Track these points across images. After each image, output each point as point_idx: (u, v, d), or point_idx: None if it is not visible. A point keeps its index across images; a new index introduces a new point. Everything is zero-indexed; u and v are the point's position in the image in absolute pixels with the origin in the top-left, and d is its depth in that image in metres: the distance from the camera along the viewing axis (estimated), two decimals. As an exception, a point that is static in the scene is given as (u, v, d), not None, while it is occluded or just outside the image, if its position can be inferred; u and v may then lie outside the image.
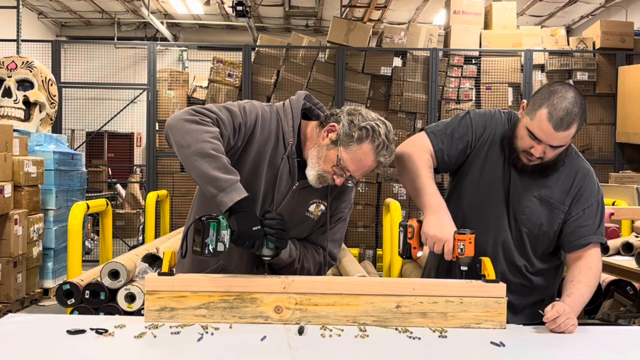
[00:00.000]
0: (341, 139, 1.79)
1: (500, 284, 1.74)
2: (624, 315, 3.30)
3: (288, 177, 1.87)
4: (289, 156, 1.86)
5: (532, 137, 1.84)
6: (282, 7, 10.80)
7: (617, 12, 9.64)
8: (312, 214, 1.93)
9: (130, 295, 3.63)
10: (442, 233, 1.80)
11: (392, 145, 1.81)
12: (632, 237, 3.07)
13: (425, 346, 1.56)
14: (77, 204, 4.03)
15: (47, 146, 5.72)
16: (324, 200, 1.93)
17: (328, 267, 2.03)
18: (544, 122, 1.80)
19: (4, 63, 5.97)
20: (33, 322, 1.70)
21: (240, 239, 1.66)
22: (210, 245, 1.65)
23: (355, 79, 7.26)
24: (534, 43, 7.39)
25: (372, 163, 1.79)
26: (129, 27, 12.21)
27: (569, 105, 1.80)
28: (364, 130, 1.77)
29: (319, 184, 1.86)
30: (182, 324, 1.66)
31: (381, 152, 1.78)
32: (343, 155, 1.79)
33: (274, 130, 1.87)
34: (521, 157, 1.92)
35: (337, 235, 2.00)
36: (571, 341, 1.65)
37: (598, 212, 1.98)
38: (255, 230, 1.67)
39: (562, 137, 1.81)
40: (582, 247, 1.96)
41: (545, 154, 1.86)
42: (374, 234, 7.24)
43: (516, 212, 1.97)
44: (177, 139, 1.71)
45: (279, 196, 1.87)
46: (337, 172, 1.81)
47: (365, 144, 1.77)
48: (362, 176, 1.86)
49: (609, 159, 7.28)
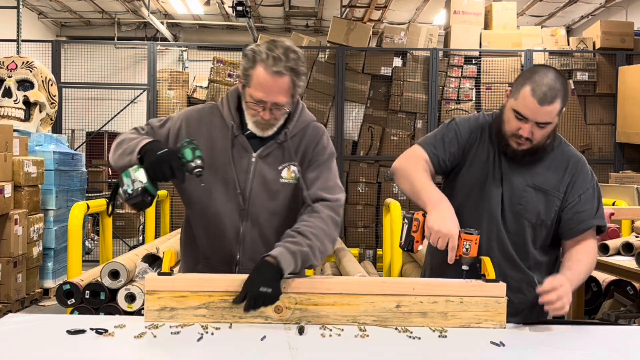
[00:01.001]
0: (243, 81, 1.86)
1: (500, 283, 1.74)
2: (624, 315, 3.30)
3: (244, 153, 1.92)
4: (234, 134, 1.92)
5: (519, 117, 1.88)
6: (282, 7, 10.80)
7: (617, 12, 9.64)
8: (287, 178, 1.93)
9: (130, 295, 3.63)
10: (447, 228, 1.79)
11: (284, 53, 1.79)
12: (632, 237, 3.07)
13: (425, 346, 1.56)
14: (77, 204, 4.03)
15: (47, 146, 5.72)
16: (291, 160, 1.93)
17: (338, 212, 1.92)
18: (528, 99, 1.84)
19: (4, 63, 5.97)
20: (33, 322, 1.70)
21: (153, 169, 1.73)
22: (128, 189, 1.74)
23: (355, 79, 7.26)
24: (534, 43, 7.39)
25: (271, 79, 1.79)
26: (129, 27, 12.21)
27: (550, 81, 1.85)
28: (248, 58, 1.82)
29: (261, 130, 1.89)
30: (182, 324, 1.66)
31: (273, 65, 1.78)
32: (249, 91, 1.84)
33: (210, 123, 1.95)
34: (510, 143, 1.94)
35: (329, 183, 1.94)
36: (571, 341, 1.65)
37: (595, 196, 2.00)
38: (161, 153, 1.74)
39: (547, 112, 1.85)
40: (583, 232, 1.97)
41: (533, 134, 1.89)
42: (374, 234, 7.24)
43: (513, 204, 1.98)
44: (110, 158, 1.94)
45: (241, 174, 1.90)
46: (254, 107, 1.84)
47: (256, 68, 1.80)
48: (283, 99, 1.83)
49: (609, 159, 7.28)
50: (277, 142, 1.93)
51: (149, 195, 1.74)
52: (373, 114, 7.33)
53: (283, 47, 1.81)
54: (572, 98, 7.23)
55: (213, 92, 7.17)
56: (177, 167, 1.73)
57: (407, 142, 7.17)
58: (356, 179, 7.27)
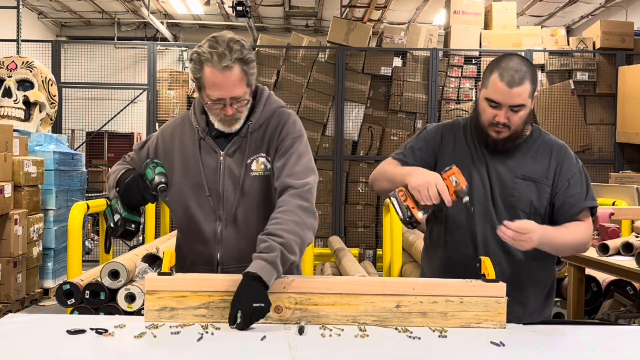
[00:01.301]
0: (197, 84, 1.88)
1: (500, 283, 1.74)
2: (624, 315, 3.30)
3: (212, 154, 1.94)
4: (201, 137, 1.95)
5: (492, 105, 1.93)
6: (282, 7, 10.80)
7: (617, 12, 9.64)
8: (257, 171, 1.93)
9: (130, 295, 3.63)
10: (429, 176, 1.84)
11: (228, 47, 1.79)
12: (632, 237, 3.07)
13: (425, 346, 1.56)
14: (77, 204, 4.03)
15: (47, 146, 5.72)
16: (259, 152, 1.93)
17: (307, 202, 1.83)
18: (497, 84, 1.90)
19: (4, 63, 5.97)
20: (33, 322, 1.70)
21: (125, 198, 1.84)
22: (111, 223, 1.87)
23: (355, 79, 7.26)
24: (534, 43, 7.40)
25: (221, 75, 1.79)
26: (129, 27, 12.21)
27: (516, 64, 1.91)
28: (195, 62, 1.83)
29: (228, 127, 1.90)
30: (182, 324, 1.66)
31: (219, 62, 1.78)
32: (205, 93, 1.85)
33: (182, 132, 2.00)
34: (490, 133, 1.98)
35: (295, 168, 1.87)
36: (571, 341, 1.65)
37: (583, 179, 2.04)
38: (128, 180, 1.84)
39: (518, 93, 1.89)
40: (576, 215, 2.01)
41: (510, 119, 1.93)
42: (374, 234, 7.24)
43: (505, 197, 2.01)
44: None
45: (212, 175, 1.93)
46: (213, 107, 1.86)
47: (204, 69, 1.81)
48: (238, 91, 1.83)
49: (609, 159, 7.28)
50: (241, 137, 1.93)
51: (132, 223, 1.84)
52: (373, 114, 7.33)
53: (225, 41, 1.81)
54: (572, 98, 7.23)
55: (213, 92, 7.16)
56: (143, 189, 1.82)
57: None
58: (356, 179, 7.28)
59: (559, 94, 7.21)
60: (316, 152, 7.17)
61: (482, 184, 2.02)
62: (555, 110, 7.19)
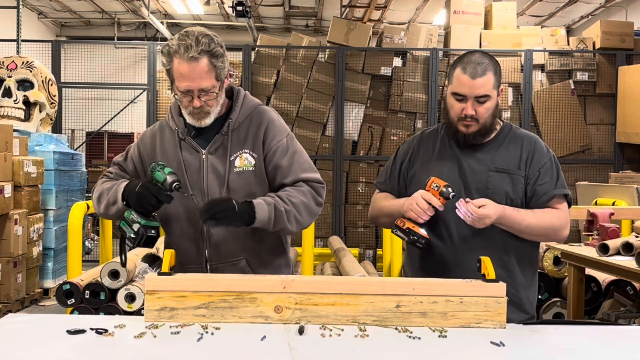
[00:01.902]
0: (168, 78, 1.93)
1: (500, 283, 1.74)
2: (624, 315, 3.30)
3: (195, 153, 1.98)
4: (181, 138, 1.98)
5: (458, 98, 2.00)
6: (282, 7, 10.80)
7: (617, 12, 9.64)
8: (241, 167, 1.96)
9: (130, 295, 3.63)
10: (413, 195, 1.96)
11: (196, 39, 1.84)
12: (632, 237, 3.07)
13: (425, 346, 1.56)
14: (77, 204, 4.03)
15: (47, 146, 5.72)
16: (242, 148, 1.97)
17: (319, 192, 2.00)
18: (461, 77, 1.98)
19: (4, 63, 5.97)
20: (33, 322, 1.70)
21: (140, 207, 1.84)
22: (131, 234, 1.87)
23: (355, 79, 7.26)
24: (534, 43, 7.40)
25: (188, 66, 1.84)
26: (129, 27, 12.21)
27: (477, 58, 2.00)
28: (164, 55, 1.89)
29: (197, 120, 1.93)
30: (182, 323, 1.66)
31: (186, 53, 1.83)
32: (175, 86, 1.90)
33: (162, 137, 2.03)
34: (459, 129, 2.03)
35: (304, 165, 2.01)
36: (571, 341, 1.65)
37: (553, 169, 2.07)
38: (138, 189, 1.84)
39: (481, 84, 1.97)
40: (546, 202, 2.03)
41: (477, 111, 1.99)
42: (374, 234, 7.24)
43: (480, 190, 2.03)
44: (96, 212, 2.07)
45: (195, 174, 1.96)
46: (182, 99, 1.90)
47: (173, 61, 1.86)
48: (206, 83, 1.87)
49: (609, 159, 7.28)
50: (222, 134, 1.97)
51: (152, 229, 1.85)
52: (373, 114, 7.33)
53: (194, 35, 1.86)
54: (572, 98, 7.23)
55: (213, 92, 7.17)
56: (157, 192, 1.82)
57: (407, 142, 7.16)
58: (356, 179, 7.28)
59: (559, 94, 7.21)
60: (316, 152, 7.17)
61: (457, 180, 2.05)
62: (555, 110, 7.19)
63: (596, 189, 5.89)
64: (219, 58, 1.88)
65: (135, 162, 2.06)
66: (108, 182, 2.03)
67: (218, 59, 1.88)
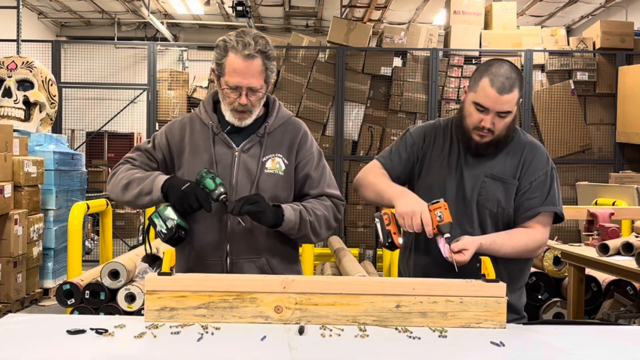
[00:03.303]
0: (217, 71, 1.95)
1: (500, 283, 1.74)
2: (624, 315, 3.30)
3: (227, 149, 2.00)
4: (215, 133, 2.00)
5: (480, 109, 1.94)
6: (282, 7, 10.80)
7: (617, 12, 9.64)
8: (272, 169, 2.00)
9: (130, 295, 3.63)
10: (416, 206, 1.88)
11: (253, 39, 1.88)
12: (632, 237, 3.07)
13: (425, 346, 1.56)
14: (77, 204, 4.04)
15: (47, 146, 5.72)
16: (276, 152, 2.01)
17: (339, 209, 2.07)
18: (488, 89, 1.91)
19: (4, 63, 5.97)
20: (33, 322, 1.70)
21: (180, 205, 1.83)
22: (162, 229, 1.85)
23: (355, 79, 7.26)
24: (534, 43, 7.40)
25: (243, 63, 1.88)
26: (129, 27, 12.21)
27: (506, 71, 1.93)
28: (220, 48, 1.91)
29: (238, 119, 1.97)
30: (182, 323, 1.66)
31: (243, 50, 1.87)
32: (224, 80, 1.92)
33: (192, 129, 2.04)
34: (473, 137, 1.99)
35: (331, 181, 2.08)
36: (571, 341, 1.65)
37: (547, 183, 2.02)
38: (184, 188, 1.83)
39: (507, 100, 1.91)
40: (529, 218, 2.00)
41: (495, 124, 1.94)
42: (374, 234, 7.23)
43: (473, 195, 2.02)
44: (115, 197, 2.04)
45: (226, 169, 1.98)
46: (229, 94, 1.92)
47: (228, 55, 1.89)
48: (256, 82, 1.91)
49: (609, 159, 7.28)
50: (258, 136, 2.02)
51: (182, 230, 1.85)
52: (373, 114, 7.33)
53: (251, 34, 1.91)
54: (572, 98, 7.23)
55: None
56: (203, 198, 1.83)
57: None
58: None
59: (559, 94, 7.21)
60: (316, 152, 7.16)
61: (456, 184, 2.04)
62: (555, 110, 7.19)
63: (596, 189, 5.89)
64: (271, 61, 1.93)
65: (164, 151, 2.05)
66: (137, 171, 2.01)
67: (271, 61, 1.93)
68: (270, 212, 1.88)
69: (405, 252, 2.21)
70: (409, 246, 2.17)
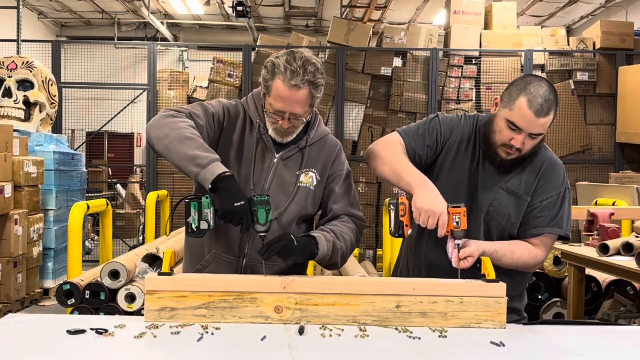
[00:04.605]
0: (263, 90, 1.93)
1: (500, 283, 1.74)
2: (624, 315, 3.30)
3: (267, 152, 1.98)
4: (261, 133, 1.97)
5: (513, 128, 1.88)
6: (282, 7, 10.80)
7: (617, 12, 9.64)
8: (305, 182, 2.00)
9: (130, 295, 3.63)
10: (436, 206, 1.80)
11: (302, 67, 1.83)
12: (632, 237, 3.07)
13: (425, 346, 1.56)
14: (77, 204, 4.03)
15: (47, 146, 5.72)
16: (311, 167, 2.01)
17: (361, 231, 2.05)
18: (524, 110, 1.84)
19: (4, 63, 5.97)
20: (33, 322, 1.70)
21: (225, 216, 1.70)
22: (192, 224, 1.73)
23: (355, 79, 7.26)
24: (534, 43, 7.40)
25: (289, 91, 1.84)
26: (129, 27, 12.21)
27: (545, 92, 1.86)
28: (267, 69, 1.88)
29: (280, 137, 1.95)
30: (182, 323, 1.66)
31: (291, 79, 1.83)
32: (268, 100, 1.90)
33: (241, 118, 2.00)
34: (499, 152, 1.94)
35: (355, 200, 2.08)
36: (571, 341, 1.65)
37: (557, 204, 1.99)
38: (237, 206, 1.69)
39: (542, 123, 1.86)
40: (534, 236, 1.98)
41: (525, 144, 1.89)
42: (374, 234, 7.24)
43: (484, 205, 1.99)
44: (156, 133, 1.81)
45: (261, 172, 1.95)
46: (273, 117, 1.90)
47: (275, 80, 1.86)
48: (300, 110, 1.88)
49: (609, 159, 7.28)
50: (299, 148, 2.01)
51: (206, 232, 1.76)
52: (373, 114, 7.33)
53: (302, 59, 1.84)
54: (572, 98, 7.23)
55: (213, 92, 7.17)
56: (247, 223, 1.72)
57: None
58: (356, 179, 7.27)
59: (559, 94, 7.19)
60: (316, 152, 7.16)
61: (469, 190, 2.01)
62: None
63: (596, 189, 5.89)
64: (318, 89, 1.88)
65: (215, 121, 1.95)
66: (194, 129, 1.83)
67: (317, 89, 1.88)
68: (300, 248, 1.79)
69: (411, 240, 2.16)
70: (410, 241, 2.14)
